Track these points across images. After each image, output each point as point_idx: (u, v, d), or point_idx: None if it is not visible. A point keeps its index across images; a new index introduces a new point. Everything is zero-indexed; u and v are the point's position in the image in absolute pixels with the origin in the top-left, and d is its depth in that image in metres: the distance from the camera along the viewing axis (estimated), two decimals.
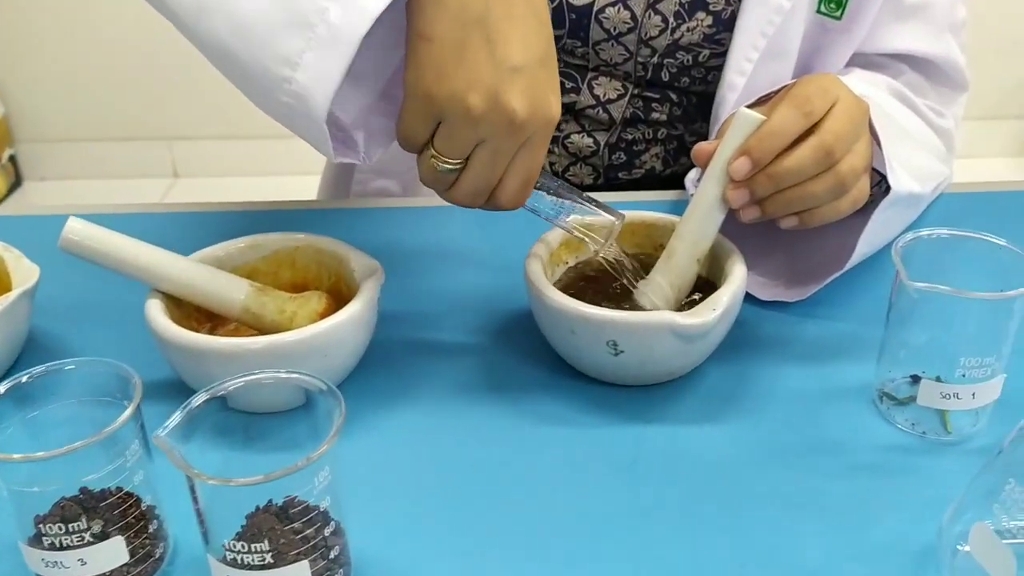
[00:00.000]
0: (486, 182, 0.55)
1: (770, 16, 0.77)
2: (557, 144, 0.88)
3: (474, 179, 0.55)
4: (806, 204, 0.61)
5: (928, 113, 0.83)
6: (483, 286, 0.71)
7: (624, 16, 0.79)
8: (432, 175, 0.55)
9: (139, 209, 0.84)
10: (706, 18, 0.79)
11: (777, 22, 0.77)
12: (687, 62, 0.82)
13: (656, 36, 0.80)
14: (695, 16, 0.78)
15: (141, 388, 0.46)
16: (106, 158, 2.57)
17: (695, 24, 0.79)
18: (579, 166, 0.89)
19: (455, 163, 0.54)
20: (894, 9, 0.80)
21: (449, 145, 0.53)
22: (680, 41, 0.80)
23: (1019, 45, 2.43)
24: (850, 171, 0.59)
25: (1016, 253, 0.54)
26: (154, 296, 0.58)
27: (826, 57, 0.82)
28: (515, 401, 0.60)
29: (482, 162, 0.54)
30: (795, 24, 0.78)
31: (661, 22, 0.79)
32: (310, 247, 0.64)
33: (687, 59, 0.81)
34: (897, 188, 0.63)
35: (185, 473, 0.41)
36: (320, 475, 0.43)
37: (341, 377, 0.60)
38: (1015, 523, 0.43)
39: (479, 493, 0.53)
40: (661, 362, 0.58)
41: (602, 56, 0.82)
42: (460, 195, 0.56)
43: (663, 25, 0.79)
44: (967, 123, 0.91)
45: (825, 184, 0.59)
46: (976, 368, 0.53)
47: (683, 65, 0.82)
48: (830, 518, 0.51)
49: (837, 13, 0.78)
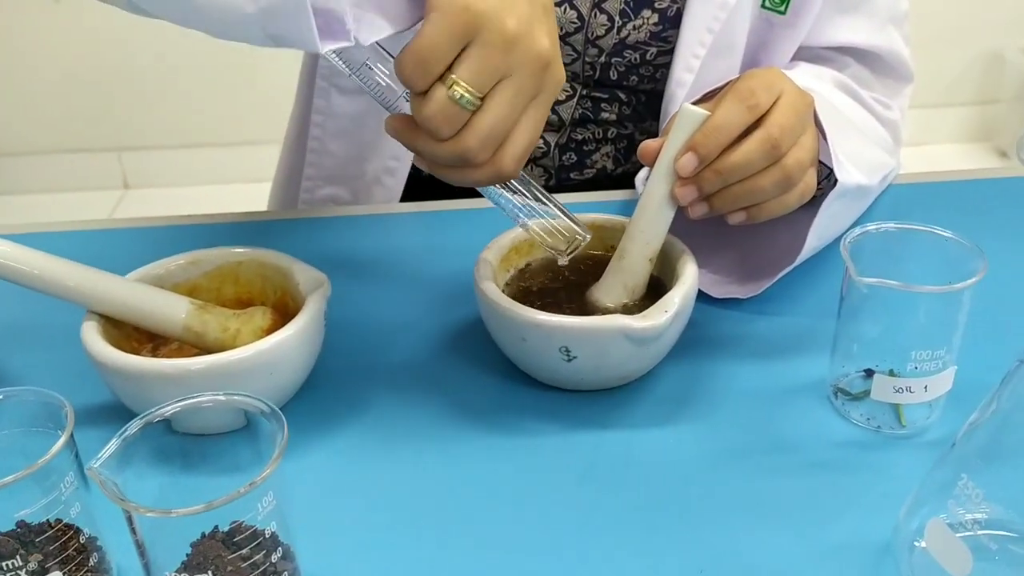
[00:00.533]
0: (503, 125, 0.51)
1: (715, 12, 0.77)
2: None
3: (492, 119, 0.50)
4: (754, 199, 0.60)
5: (874, 105, 0.84)
6: (433, 294, 0.70)
7: (571, 16, 0.78)
8: (444, 111, 0.49)
9: (81, 226, 0.82)
10: (652, 16, 0.78)
11: (723, 18, 0.77)
12: (635, 60, 0.81)
13: (603, 35, 0.79)
14: (640, 14, 0.78)
15: (73, 417, 0.44)
16: (54, 171, 2.51)
17: (641, 22, 0.78)
18: (530, 167, 0.88)
19: (476, 95, 0.49)
20: (837, 3, 0.80)
21: (477, 70, 0.48)
22: (627, 40, 0.80)
23: (964, 32, 2.47)
24: (796, 164, 0.59)
25: (963, 244, 0.54)
26: (90, 318, 0.57)
27: (772, 51, 0.82)
28: (468, 411, 0.59)
29: (504, 99, 0.50)
30: (741, 19, 0.78)
31: (607, 21, 0.79)
32: (253, 261, 0.63)
33: (634, 57, 0.81)
34: (844, 181, 0.63)
35: (121, 507, 0.40)
36: (264, 500, 0.42)
37: (289, 394, 0.58)
38: (970, 516, 0.43)
39: (432, 507, 0.52)
40: (615, 366, 0.57)
41: None
42: (472, 138, 0.50)
43: (609, 24, 0.79)
44: (916, 110, 0.92)
45: (772, 178, 0.59)
46: (928, 361, 0.53)
47: (631, 64, 0.82)
48: (789, 518, 0.51)
49: (781, 8, 0.78)
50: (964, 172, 0.87)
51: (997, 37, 2.49)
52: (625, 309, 0.61)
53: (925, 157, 2.48)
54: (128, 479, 0.42)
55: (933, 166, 2.49)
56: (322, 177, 0.89)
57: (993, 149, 2.59)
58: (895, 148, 0.84)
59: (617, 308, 0.61)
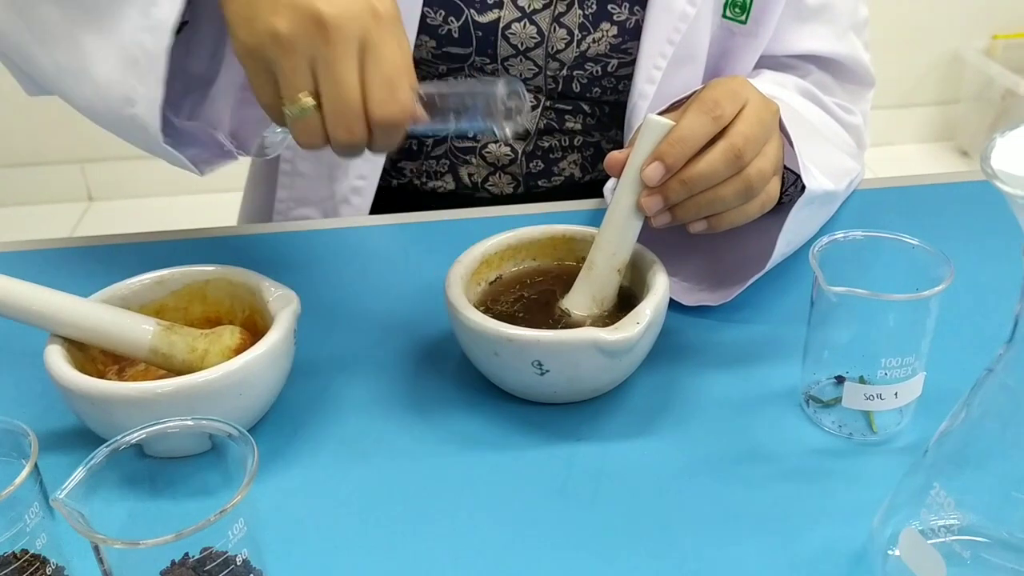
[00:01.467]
0: (346, 98, 0.52)
1: (675, 23, 0.77)
2: (475, 155, 0.87)
3: (334, 100, 0.52)
4: (715, 208, 0.60)
5: (837, 111, 0.85)
6: (405, 309, 0.70)
7: (531, 31, 0.78)
8: (302, 129, 0.53)
9: (42, 245, 0.81)
10: (611, 28, 0.78)
11: (683, 29, 0.77)
12: (596, 73, 0.82)
13: (563, 49, 0.79)
14: (599, 27, 0.78)
15: (37, 445, 0.43)
16: (16, 184, 2.47)
17: (600, 35, 0.79)
18: (498, 175, 0.88)
19: (307, 99, 0.51)
20: (796, 12, 0.81)
21: (288, 82, 0.51)
22: (587, 52, 0.80)
23: (926, 33, 2.51)
24: (758, 174, 0.59)
25: (929, 252, 0.54)
26: (54, 341, 0.55)
27: (734, 61, 0.82)
28: (442, 427, 0.59)
29: (327, 79, 0.51)
30: (701, 30, 0.79)
31: (566, 35, 0.79)
32: (221, 279, 0.62)
33: (596, 70, 0.81)
34: (812, 187, 0.63)
35: (88, 538, 0.39)
36: (235, 526, 0.41)
37: (259, 414, 0.58)
38: (942, 523, 0.44)
39: (407, 526, 0.52)
40: (588, 379, 0.57)
41: (511, 72, 0.82)
42: (336, 127, 0.52)
43: (569, 38, 0.79)
44: (879, 111, 0.93)
45: (734, 188, 0.59)
46: (897, 368, 0.53)
47: (593, 76, 0.82)
48: (764, 527, 0.51)
49: (742, 18, 0.79)
50: (930, 176, 0.88)
51: (957, 39, 2.53)
52: (597, 320, 0.61)
53: (889, 157, 2.51)
54: (95, 508, 0.41)
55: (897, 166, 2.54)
56: (294, 199, 0.89)
57: (955, 148, 2.63)
58: (859, 153, 0.85)
59: (586, 319, 0.61)
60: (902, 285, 0.52)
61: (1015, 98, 2.40)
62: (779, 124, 0.63)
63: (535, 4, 0.78)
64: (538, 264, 0.67)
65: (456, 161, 0.87)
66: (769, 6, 0.78)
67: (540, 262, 0.67)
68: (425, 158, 0.88)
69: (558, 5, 0.78)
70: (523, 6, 0.78)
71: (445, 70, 0.82)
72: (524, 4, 0.77)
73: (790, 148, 0.64)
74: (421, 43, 0.80)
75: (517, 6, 0.78)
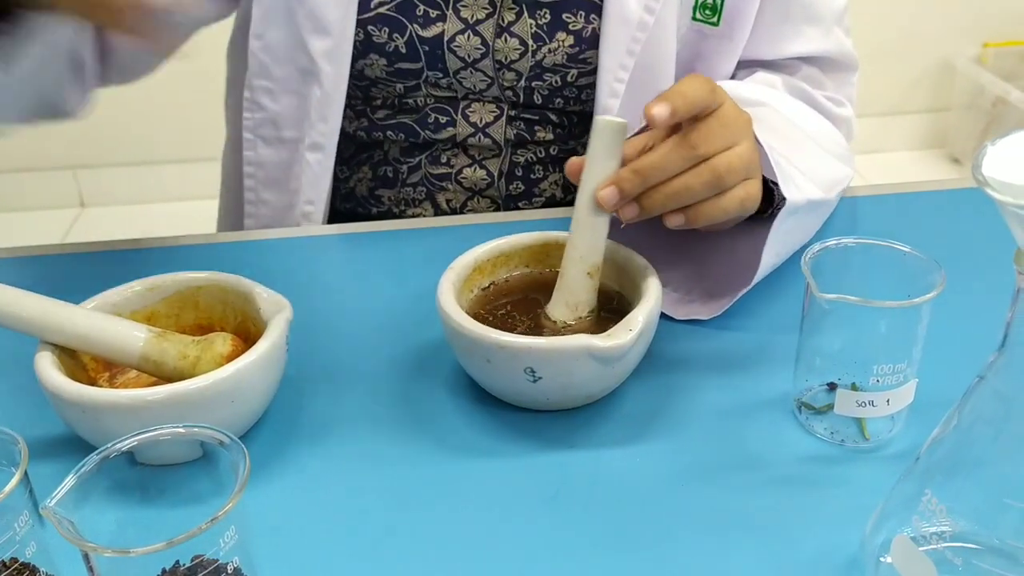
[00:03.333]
0: None
1: (634, 34, 0.76)
2: (451, 181, 0.86)
3: None
4: (683, 199, 0.59)
5: (828, 106, 0.85)
6: (397, 316, 0.69)
7: (475, 43, 0.78)
8: None
9: (33, 252, 0.80)
10: (567, 38, 0.78)
11: (643, 39, 0.76)
12: (556, 83, 0.81)
13: (517, 60, 0.79)
14: (555, 37, 0.78)
15: (27, 453, 0.43)
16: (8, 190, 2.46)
17: (556, 45, 0.78)
18: (476, 200, 0.87)
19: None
20: (783, 17, 0.81)
21: None
22: (543, 63, 0.79)
23: (917, 41, 2.52)
24: (727, 168, 0.59)
25: (921, 259, 0.54)
26: (44, 348, 0.55)
27: (709, 65, 0.82)
28: (434, 433, 0.59)
29: None
30: (665, 39, 0.78)
31: (520, 45, 0.78)
32: (213, 286, 0.62)
33: (555, 80, 0.81)
34: (793, 198, 0.63)
35: (78, 547, 0.39)
36: (227, 534, 0.41)
37: (250, 422, 0.57)
38: (934, 530, 0.44)
39: (400, 533, 0.52)
40: (580, 386, 0.57)
41: (466, 84, 0.82)
42: None
43: (522, 48, 0.78)
44: (871, 119, 0.94)
45: (700, 178, 0.59)
46: (889, 375, 0.54)
47: (553, 86, 0.81)
48: (756, 534, 0.51)
49: (713, 19, 0.78)
50: (921, 184, 0.88)
51: (948, 47, 2.55)
52: (590, 326, 0.61)
53: (880, 164, 2.52)
54: (85, 516, 0.41)
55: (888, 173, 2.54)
56: (261, 225, 0.89)
57: (946, 156, 2.64)
58: (849, 154, 0.84)
59: (562, 325, 0.61)
60: (894, 292, 0.53)
61: (1006, 106, 2.41)
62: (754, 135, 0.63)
63: (477, 15, 0.77)
64: (531, 271, 0.67)
65: (432, 188, 0.87)
66: (743, 6, 0.78)
67: (533, 268, 0.67)
68: (401, 185, 0.87)
69: (504, 15, 0.78)
70: (465, 17, 0.77)
71: (402, 88, 0.82)
72: (467, 16, 0.77)
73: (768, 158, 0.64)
74: (372, 62, 0.80)
75: (460, 18, 0.78)
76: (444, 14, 0.76)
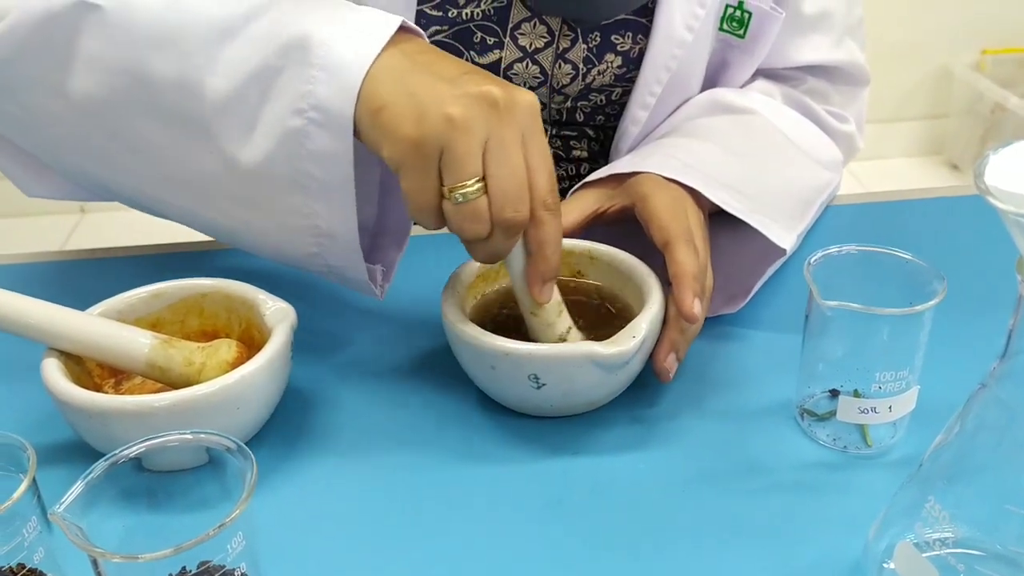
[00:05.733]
0: (518, 177, 0.52)
1: (673, 51, 0.76)
2: None
3: (506, 179, 0.52)
4: None
5: (829, 120, 0.85)
6: (400, 323, 0.70)
7: (533, 71, 0.78)
8: (469, 213, 0.52)
9: (39, 258, 0.81)
10: (615, 59, 0.78)
11: (680, 55, 0.77)
12: (600, 102, 0.81)
13: (568, 84, 0.79)
14: (604, 59, 0.78)
15: (35, 459, 0.43)
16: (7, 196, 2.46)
17: (605, 67, 0.78)
18: None
19: (474, 182, 0.51)
20: (795, 24, 0.81)
21: (458, 165, 0.51)
22: (592, 84, 0.79)
23: (916, 48, 2.52)
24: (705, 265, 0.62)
25: (922, 266, 0.55)
26: (51, 355, 0.55)
27: (732, 73, 0.82)
28: (438, 440, 0.59)
29: (500, 159, 0.51)
30: (699, 54, 0.79)
31: (571, 70, 0.78)
32: (218, 293, 0.62)
33: (600, 99, 0.81)
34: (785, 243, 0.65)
35: (86, 552, 0.39)
36: (234, 540, 0.41)
37: (256, 428, 0.58)
38: (937, 536, 0.44)
39: (404, 537, 0.52)
40: (584, 393, 0.57)
41: None
42: (504, 208, 0.52)
43: (574, 73, 0.78)
44: (870, 125, 0.93)
45: None
46: (891, 382, 0.54)
47: (597, 105, 0.82)
48: (760, 541, 0.51)
49: (740, 32, 0.79)
50: (922, 191, 0.88)
51: (946, 54, 2.55)
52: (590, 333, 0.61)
53: (879, 171, 2.53)
54: (93, 522, 0.41)
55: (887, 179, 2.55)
56: None
57: (945, 162, 2.64)
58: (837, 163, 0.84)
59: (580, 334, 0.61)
60: (896, 299, 0.53)
61: (1004, 112, 2.42)
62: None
63: (536, 43, 0.77)
64: None
65: None
66: (766, 26, 0.78)
67: None
68: None
69: (561, 42, 0.77)
70: (524, 45, 0.77)
71: None
72: (525, 44, 0.77)
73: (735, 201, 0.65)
74: None
75: (518, 45, 0.77)
76: (502, 42, 0.76)
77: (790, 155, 0.76)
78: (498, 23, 0.75)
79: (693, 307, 0.58)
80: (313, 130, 0.54)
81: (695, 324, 0.60)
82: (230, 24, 0.56)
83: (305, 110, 0.54)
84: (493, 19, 0.75)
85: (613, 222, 0.68)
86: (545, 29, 0.76)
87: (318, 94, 0.54)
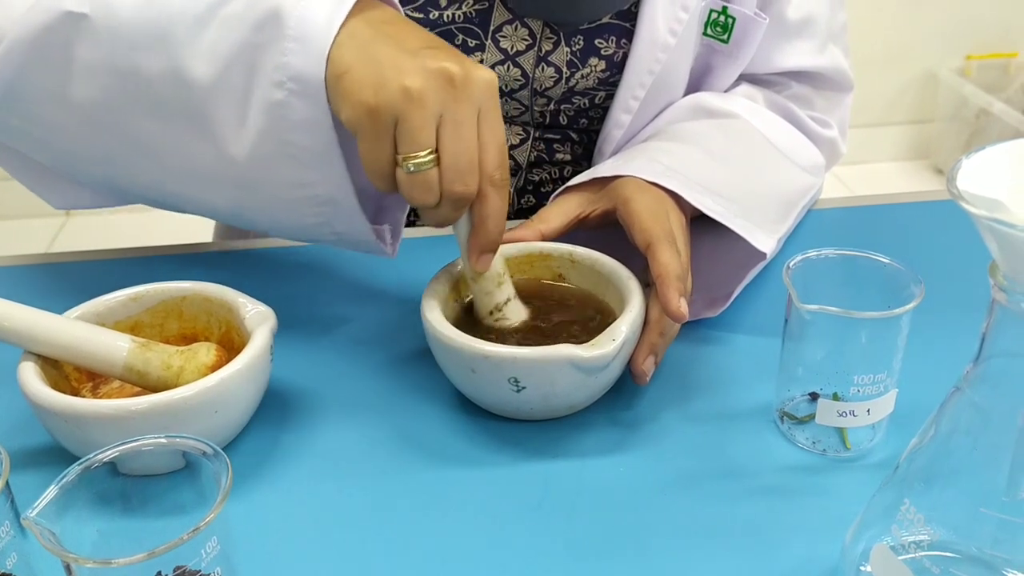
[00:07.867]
0: (469, 152, 0.54)
1: (656, 55, 0.77)
2: None
3: (457, 155, 0.53)
4: None
5: (812, 126, 0.85)
6: (381, 326, 0.70)
7: (515, 74, 0.78)
8: (419, 183, 0.54)
9: (16, 261, 0.80)
10: (599, 63, 0.78)
11: (663, 60, 0.77)
12: (583, 105, 0.81)
13: (551, 87, 0.79)
14: (587, 63, 0.78)
15: (8, 463, 0.43)
16: None
17: (589, 71, 0.78)
18: None
19: (426, 154, 0.53)
20: (779, 30, 0.81)
21: (411, 136, 0.53)
22: (575, 88, 0.79)
23: (901, 53, 2.54)
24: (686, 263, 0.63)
25: (900, 270, 0.55)
26: (27, 358, 0.55)
27: (716, 77, 0.83)
28: (418, 444, 0.59)
29: (452, 134, 0.53)
30: (682, 57, 0.79)
31: (554, 73, 0.78)
32: (197, 296, 0.62)
33: (583, 103, 0.81)
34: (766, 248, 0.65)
35: (59, 557, 0.39)
36: (209, 544, 0.41)
37: (234, 432, 0.57)
38: (912, 539, 0.44)
39: (383, 541, 0.52)
40: (564, 396, 0.57)
41: None
42: (454, 181, 0.54)
43: (557, 76, 0.78)
44: (856, 130, 0.94)
45: None
46: (869, 385, 0.54)
47: (580, 108, 0.82)
48: (738, 543, 0.51)
49: (724, 37, 0.79)
50: (902, 195, 0.89)
51: (932, 59, 2.57)
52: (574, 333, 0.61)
53: (865, 175, 2.54)
54: (67, 526, 0.41)
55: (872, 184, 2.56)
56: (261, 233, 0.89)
57: (930, 167, 2.66)
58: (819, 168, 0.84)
59: (509, 325, 0.61)
60: (874, 303, 0.53)
61: (989, 117, 2.43)
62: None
63: (517, 46, 0.77)
64: (514, 281, 0.67)
65: None
66: (750, 31, 0.79)
67: (516, 279, 0.67)
68: None
69: (543, 45, 0.77)
70: (505, 48, 0.77)
71: None
72: (507, 46, 0.77)
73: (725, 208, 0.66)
74: None
75: (499, 48, 0.77)
76: (483, 44, 0.76)
77: (772, 159, 0.76)
78: (479, 25, 0.75)
79: (680, 306, 0.58)
80: (293, 100, 0.56)
81: (677, 325, 0.60)
82: (206, 9, 0.57)
83: (284, 82, 0.56)
84: (475, 21, 0.75)
85: (595, 226, 0.68)
86: (527, 32, 0.76)
87: (294, 65, 0.55)
